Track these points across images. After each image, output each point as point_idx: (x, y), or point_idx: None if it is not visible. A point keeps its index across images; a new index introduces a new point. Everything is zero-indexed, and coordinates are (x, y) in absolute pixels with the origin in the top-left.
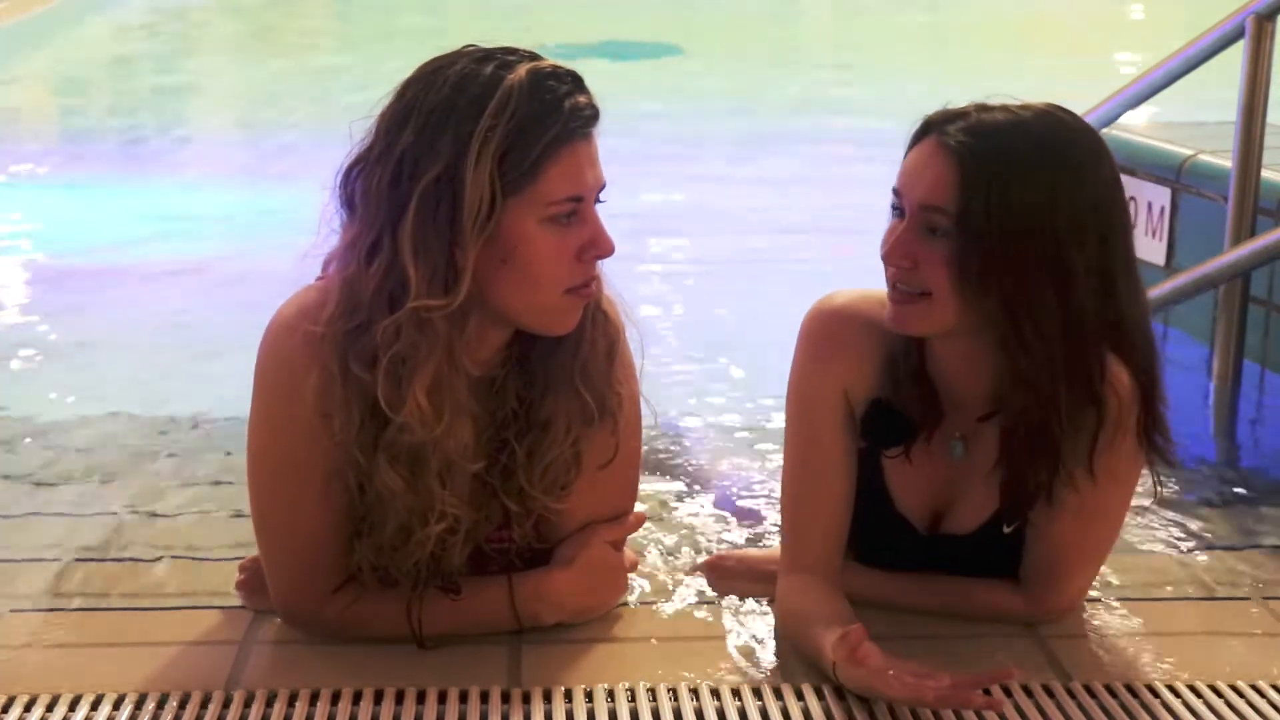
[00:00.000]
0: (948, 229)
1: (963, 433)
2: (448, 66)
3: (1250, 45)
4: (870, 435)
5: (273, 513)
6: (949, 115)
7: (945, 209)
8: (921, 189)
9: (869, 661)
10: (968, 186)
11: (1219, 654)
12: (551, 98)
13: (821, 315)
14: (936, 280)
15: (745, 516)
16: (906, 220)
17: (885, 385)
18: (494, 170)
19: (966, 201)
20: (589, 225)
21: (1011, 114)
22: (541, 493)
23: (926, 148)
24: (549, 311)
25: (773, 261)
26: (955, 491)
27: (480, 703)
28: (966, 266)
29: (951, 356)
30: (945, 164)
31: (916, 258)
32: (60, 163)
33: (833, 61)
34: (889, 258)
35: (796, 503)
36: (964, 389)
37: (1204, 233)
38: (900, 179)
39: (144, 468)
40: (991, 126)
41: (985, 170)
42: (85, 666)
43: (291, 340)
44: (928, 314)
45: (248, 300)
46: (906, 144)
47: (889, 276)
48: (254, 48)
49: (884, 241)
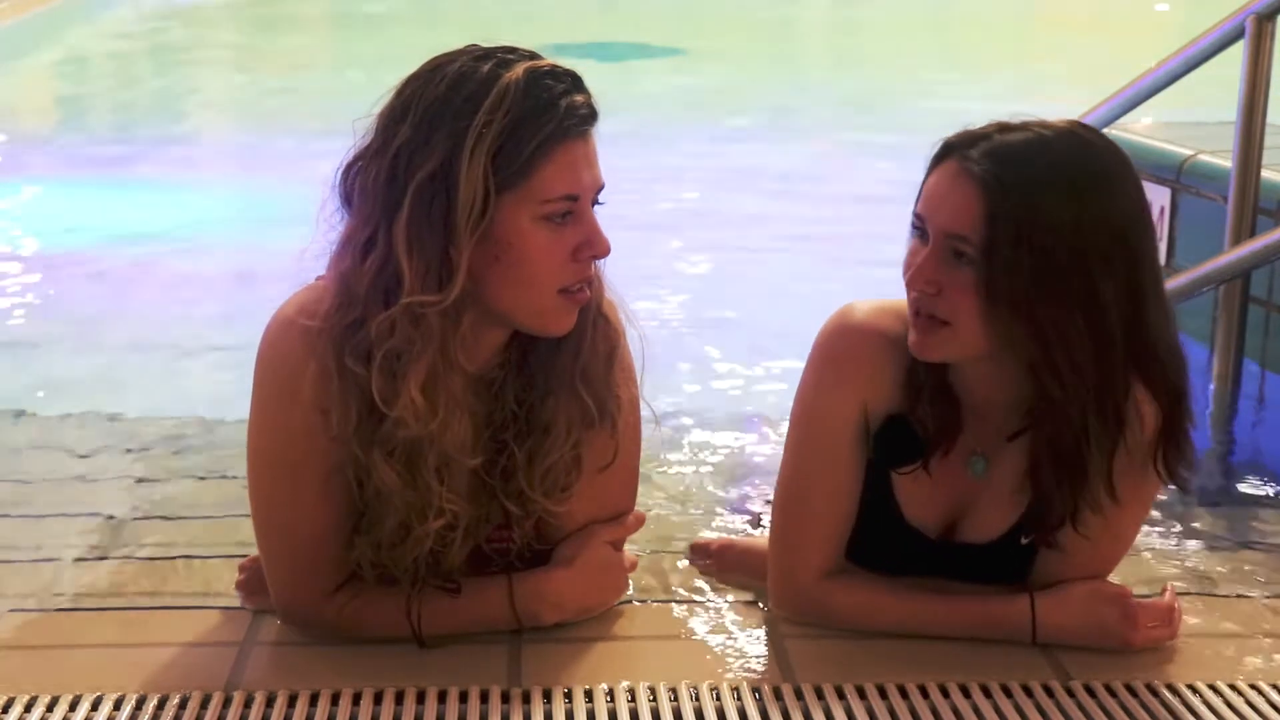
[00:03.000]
0: (973, 257)
1: (983, 449)
2: (447, 64)
3: (1250, 45)
4: (884, 453)
5: (272, 511)
6: (970, 138)
7: (969, 238)
8: (944, 216)
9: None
10: (993, 216)
11: (1219, 654)
12: (548, 96)
13: (840, 332)
14: (961, 307)
15: (746, 515)
16: (930, 246)
17: (903, 400)
18: (488, 166)
19: (992, 231)
20: (585, 225)
21: (1034, 135)
22: (542, 495)
23: (949, 172)
24: (543, 312)
25: (773, 261)
26: (969, 507)
27: (480, 703)
28: (994, 296)
29: (975, 374)
30: (969, 192)
31: (941, 284)
32: (60, 163)
33: (833, 62)
34: (913, 283)
35: (801, 515)
36: (987, 404)
37: (1204, 233)
38: (922, 203)
39: (143, 467)
40: (1015, 151)
41: (1010, 200)
42: (85, 666)
43: (289, 336)
44: (950, 342)
45: (248, 299)
46: (926, 165)
47: (911, 300)
48: (255, 47)
49: (906, 264)
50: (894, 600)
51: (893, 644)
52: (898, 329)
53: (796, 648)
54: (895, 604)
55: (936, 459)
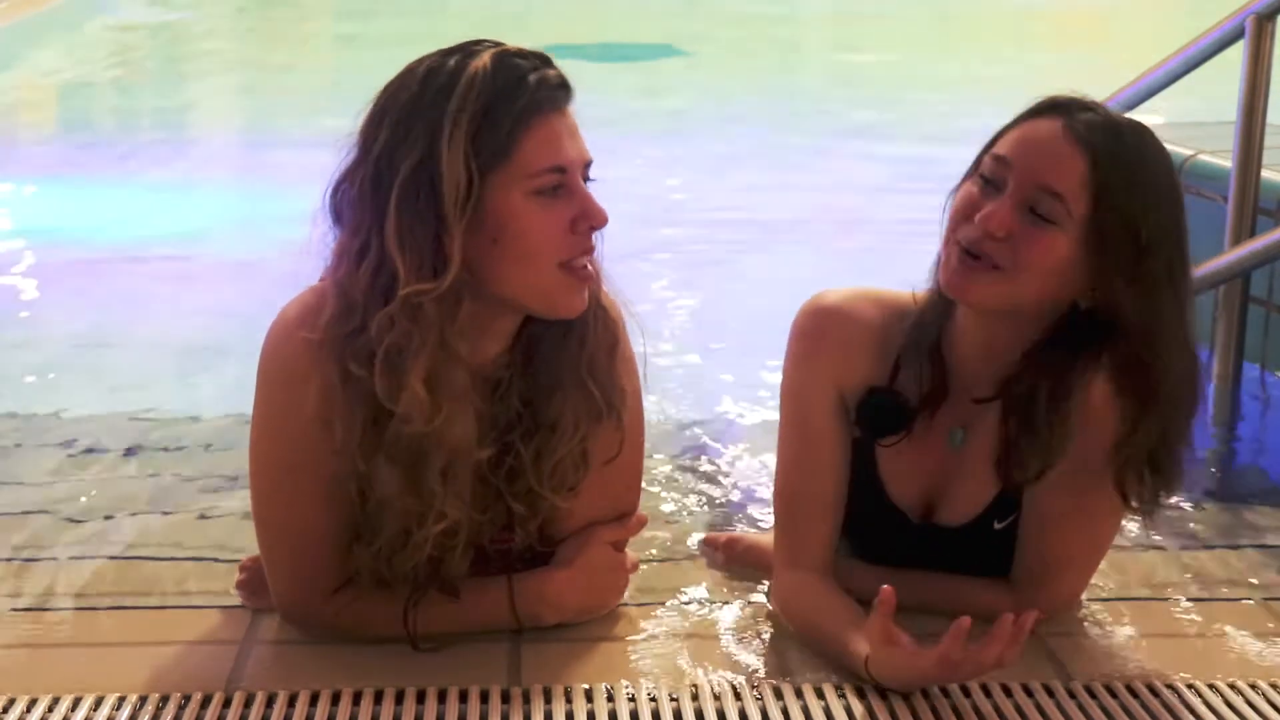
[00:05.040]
0: (1061, 219)
1: (963, 420)
2: (415, 66)
3: (1250, 45)
4: (866, 424)
5: (273, 513)
6: (1078, 104)
7: (1067, 200)
8: (1043, 170)
9: (902, 640)
10: (1102, 189)
11: (1219, 654)
12: (517, 73)
13: (811, 312)
14: (1031, 261)
15: (749, 512)
16: (1013, 194)
17: (881, 372)
18: (468, 149)
19: (1103, 205)
20: (577, 197)
21: (1131, 120)
22: (550, 492)
23: (1052, 128)
24: (548, 290)
25: (774, 260)
26: (949, 481)
27: (480, 703)
28: (1090, 261)
29: (975, 339)
30: (1076, 154)
31: (1014, 232)
32: (60, 162)
33: (833, 62)
34: (985, 223)
35: (791, 499)
36: (974, 372)
37: (1204, 233)
38: (1013, 148)
39: (143, 467)
40: (1118, 128)
41: (1120, 176)
42: (85, 666)
43: (290, 347)
44: (996, 286)
45: (248, 299)
46: (1019, 114)
47: (963, 237)
48: (255, 47)
49: (964, 201)
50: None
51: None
52: (868, 310)
53: (797, 648)
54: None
55: (922, 424)
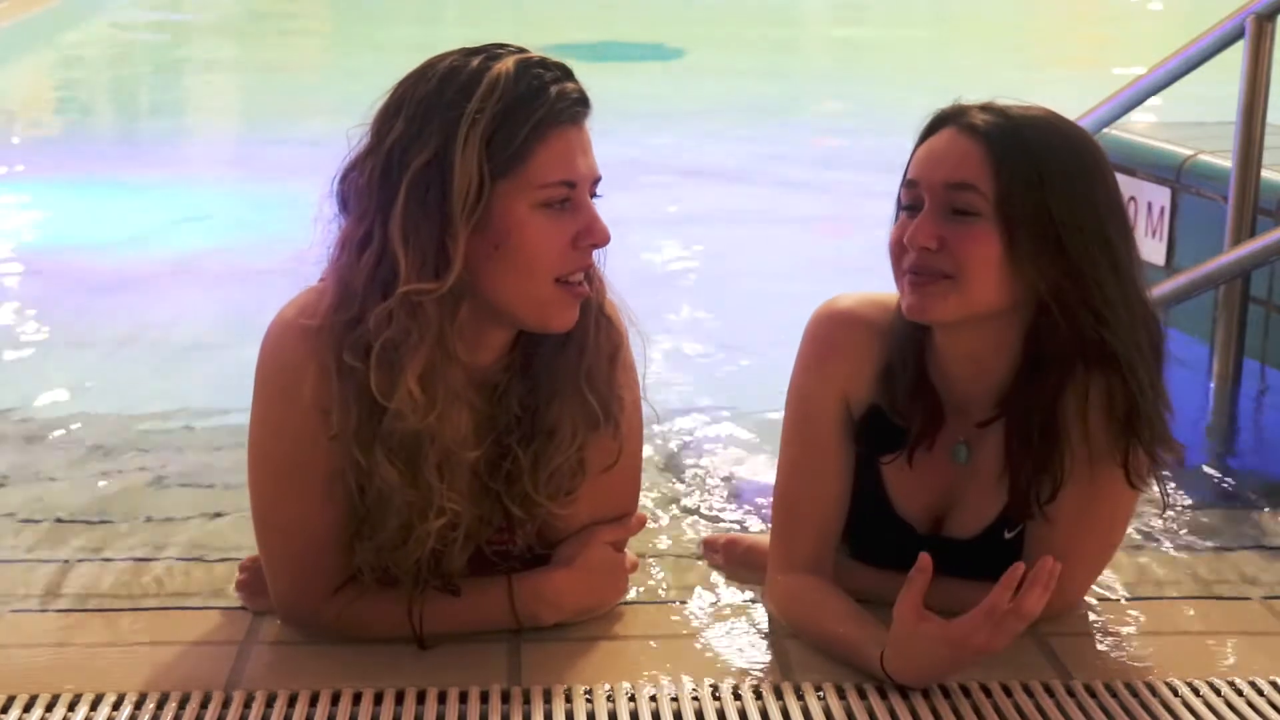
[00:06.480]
0: (979, 208)
1: (966, 437)
2: (437, 62)
3: (1250, 45)
4: (867, 442)
5: (273, 513)
6: (963, 108)
7: (977, 187)
8: (947, 170)
9: (931, 616)
10: (1004, 165)
11: (1219, 654)
12: (539, 83)
13: (825, 318)
14: (969, 259)
15: (748, 515)
16: (929, 204)
17: (882, 395)
18: (482, 153)
19: (1007, 179)
20: (583, 213)
21: (1024, 105)
22: (546, 498)
23: (945, 135)
24: (541, 303)
25: (774, 260)
26: (956, 496)
27: (480, 703)
28: (1015, 244)
29: (958, 356)
30: (972, 144)
31: (943, 239)
32: (61, 162)
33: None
34: (912, 241)
35: (791, 503)
36: (968, 392)
37: (1204, 233)
38: (916, 168)
39: (142, 466)
40: (1012, 114)
41: (1019, 151)
42: (85, 666)
43: (288, 337)
44: (950, 294)
45: (248, 299)
46: (915, 139)
47: (906, 264)
48: (256, 46)
49: (895, 235)
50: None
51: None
52: (881, 319)
53: (796, 648)
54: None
55: (921, 451)
